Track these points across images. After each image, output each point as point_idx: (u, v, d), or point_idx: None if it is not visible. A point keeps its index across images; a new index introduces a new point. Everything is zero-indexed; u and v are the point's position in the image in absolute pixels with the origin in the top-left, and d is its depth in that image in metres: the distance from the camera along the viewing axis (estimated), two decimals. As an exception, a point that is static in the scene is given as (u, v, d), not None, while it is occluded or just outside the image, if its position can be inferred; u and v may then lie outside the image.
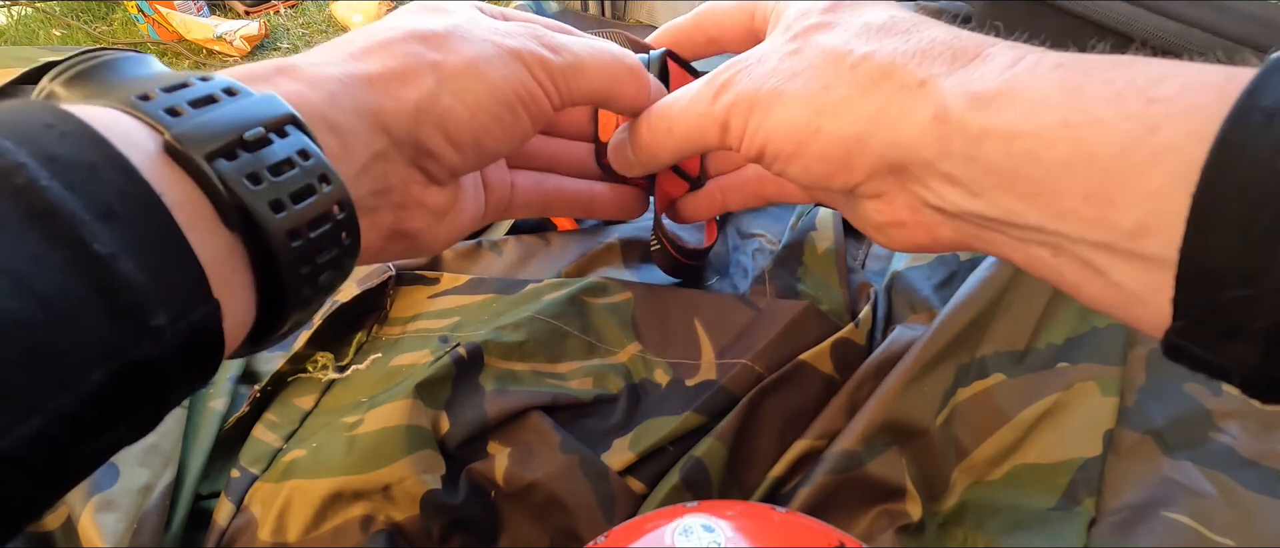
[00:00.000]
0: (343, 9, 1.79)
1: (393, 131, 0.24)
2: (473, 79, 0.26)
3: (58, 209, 0.14)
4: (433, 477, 0.33)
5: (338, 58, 0.24)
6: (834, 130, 0.24)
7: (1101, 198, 0.18)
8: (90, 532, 0.31)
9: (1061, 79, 0.19)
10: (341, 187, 0.21)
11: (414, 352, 0.38)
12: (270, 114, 0.20)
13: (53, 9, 1.87)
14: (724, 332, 0.38)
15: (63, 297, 0.14)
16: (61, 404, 0.14)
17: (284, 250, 0.19)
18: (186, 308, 0.16)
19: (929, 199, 0.24)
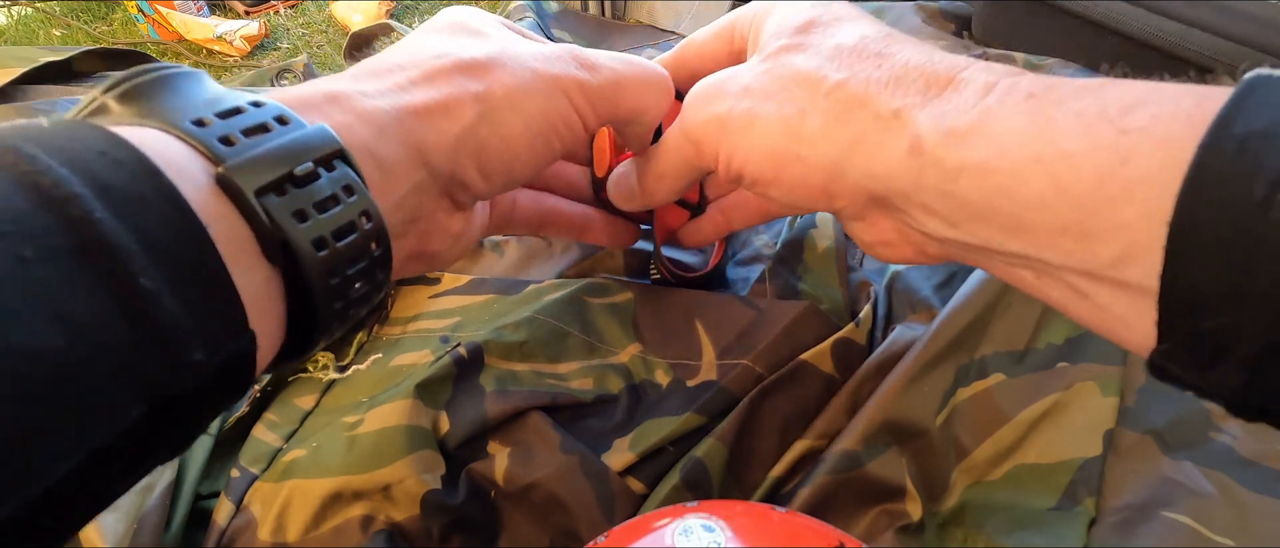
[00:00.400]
0: (343, 9, 1.79)
1: (432, 164, 0.25)
2: (512, 111, 0.26)
3: (109, 244, 0.14)
4: (433, 477, 0.33)
5: (387, 87, 0.24)
6: (812, 158, 0.24)
7: (1079, 230, 0.18)
8: (90, 532, 0.31)
9: (1033, 110, 0.19)
10: (381, 225, 0.21)
11: (414, 352, 0.38)
12: (320, 148, 0.20)
13: (53, 9, 1.87)
14: (724, 332, 0.38)
15: (106, 334, 0.14)
16: (99, 440, 0.14)
17: (321, 287, 0.19)
18: (224, 341, 0.17)
19: (911, 224, 0.24)
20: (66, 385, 0.14)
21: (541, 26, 0.66)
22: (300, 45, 1.77)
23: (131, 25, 1.82)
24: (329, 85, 0.23)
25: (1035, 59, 0.56)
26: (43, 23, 1.83)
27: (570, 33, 0.67)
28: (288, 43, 1.79)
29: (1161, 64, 0.50)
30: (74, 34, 1.80)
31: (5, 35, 1.78)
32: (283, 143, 0.19)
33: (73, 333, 0.14)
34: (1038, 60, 0.55)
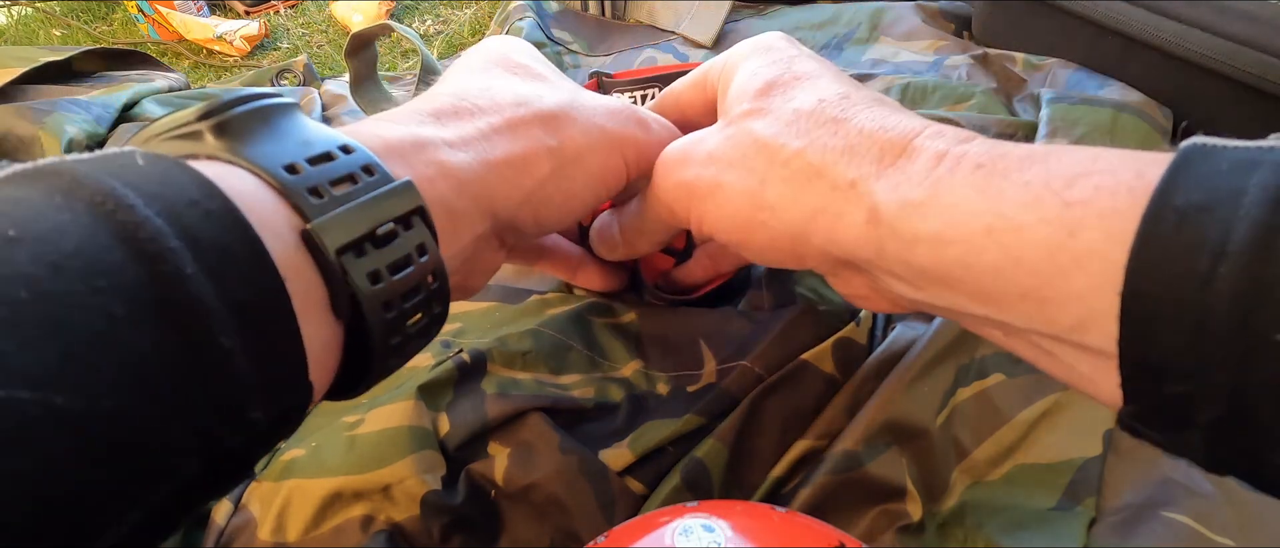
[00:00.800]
0: (343, 9, 1.79)
1: (499, 214, 0.25)
2: (578, 167, 0.27)
3: (195, 306, 0.14)
4: (433, 477, 0.33)
5: (470, 135, 0.24)
6: (775, 225, 0.24)
7: (1037, 297, 0.18)
8: (90, 532, 0.31)
9: (982, 182, 0.20)
10: (446, 287, 0.21)
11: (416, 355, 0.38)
12: (402, 207, 0.20)
13: (53, 9, 1.87)
14: (726, 345, 0.38)
15: (176, 393, 0.14)
16: (159, 497, 0.14)
17: (382, 347, 0.19)
18: (283, 396, 0.17)
19: (879, 285, 0.24)
20: (140, 449, 0.14)
21: (542, 26, 0.66)
22: (300, 45, 1.77)
23: (131, 25, 1.82)
24: (416, 130, 0.23)
25: (1035, 59, 0.55)
26: (43, 23, 1.83)
27: (570, 33, 0.67)
28: (288, 43, 1.79)
29: (1161, 64, 0.50)
30: (74, 34, 1.80)
31: (5, 35, 1.78)
32: (368, 200, 0.19)
33: (147, 395, 0.14)
34: (1038, 60, 0.55)
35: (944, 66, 0.57)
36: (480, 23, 1.65)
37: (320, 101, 0.60)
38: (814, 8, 0.67)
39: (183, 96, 0.58)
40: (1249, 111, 0.48)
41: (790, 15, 0.66)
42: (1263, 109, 0.47)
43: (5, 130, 0.48)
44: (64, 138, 0.48)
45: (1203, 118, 0.50)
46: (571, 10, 0.70)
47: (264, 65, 1.15)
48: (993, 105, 0.52)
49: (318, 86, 0.65)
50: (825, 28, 0.64)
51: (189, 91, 0.59)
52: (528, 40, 0.64)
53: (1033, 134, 0.47)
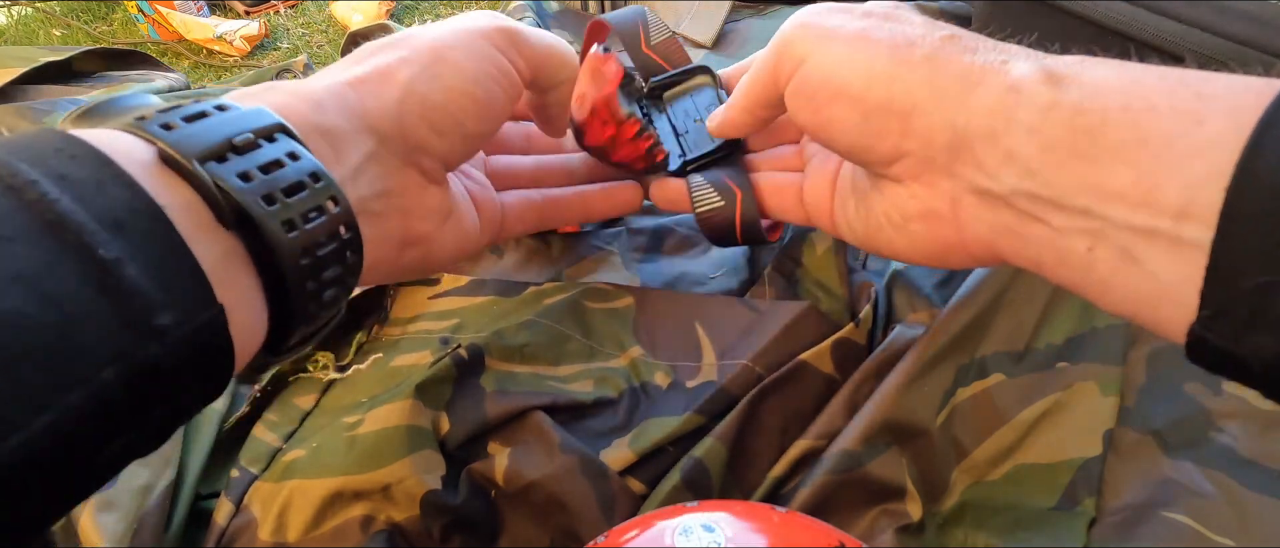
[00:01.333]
0: (343, 9, 1.79)
1: (380, 129, 0.25)
2: (442, 63, 0.27)
3: (67, 220, 0.16)
4: (433, 477, 0.33)
5: (320, 75, 0.26)
6: (910, 81, 0.24)
7: (1150, 181, 0.19)
8: (90, 532, 0.31)
9: (1122, 69, 0.21)
10: (335, 189, 0.22)
11: (414, 353, 0.38)
12: (259, 123, 0.21)
13: (53, 9, 1.87)
14: (724, 334, 0.38)
15: (73, 300, 0.15)
16: (73, 401, 0.15)
17: (286, 250, 0.20)
18: (192, 311, 0.17)
19: (977, 181, 0.23)
20: (38, 346, 0.15)
21: (541, 26, 0.66)
22: (300, 45, 1.77)
23: (131, 25, 1.82)
24: (269, 83, 0.25)
25: (1035, 59, 0.56)
26: (43, 23, 1.83)
27: (570, 32, 0.67)
28: (288, 43, 1.79)
29: (1162, 64, 0.50)
30: (74, 34, 1.80)
31: (5, 35, 1.78)
32: (220, 120, 0.20)
33: (42, 299, 0.15)
34: (1038, 60, 0.55)
35: (944, 66, 0.57)
36: (480, 23, 1.65)
37: (320, 101, 0.60)
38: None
39: (182, 96, 0.58)
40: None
41: (790, 15, 0.66)
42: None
43: (6, 130, 0.48)
44: (64, 138, 0.48)
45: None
46: (571, 10, 0.70)
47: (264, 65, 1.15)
48: (993, 105, 0.52)
49: (318, 86, 0.65)
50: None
51: (189, 91, 0.59)
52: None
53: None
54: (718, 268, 0.43)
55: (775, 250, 0.43)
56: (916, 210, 0.26)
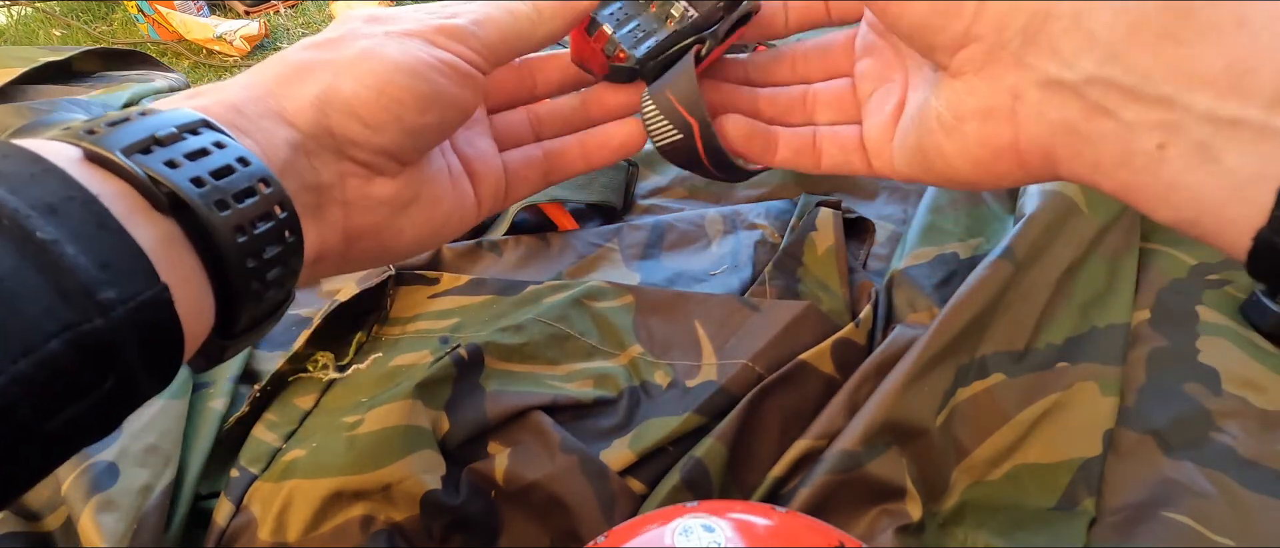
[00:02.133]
0: (342, 9, 1.79)
1: (300, 125, 0.26)
2: (369, 61, 0.27)
3: (4, 208, 0.17)
4: (433, 477, 0.33)
5: (238, 81, 0.26)
6: None
7: (1244, 66, 0.18)
8: (90, 532, 0.31)
9: None
10: (279, 187, 0.22)
11: (414, 352, 0.38)
12: (181, 119, 0.22)
13: (53, 9, 1.87)
14: (724, 333, 0.38)
15: (13, 277, 0.16)
16: (21, 369, 0.16)
17: (221, 229, 0.21)
18: (135, 288, 0.18)
19: (1049, 69, 0.22)
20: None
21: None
22: (300, 45, 1.77)
23: (131, 25, 1.82)
24: (190, 90, 0.26)
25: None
26: (43, 23, 1.83)
27: (570, 33, 0.67)
28: (288, 43, 1.79)
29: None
30: (74, 34, 1.80)
31: (5, 35, 1.78)
32: (143, 121, 0.21)
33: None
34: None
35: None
36: (480, 23, 1.66)
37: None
38: (814, 8, 0.67)
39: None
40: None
41: None
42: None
43: (5, 130, 0.48)
44: (64, 138, 0.48)
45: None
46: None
47: (264, 65, 1.15)
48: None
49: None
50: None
51: (188, 92, 0.59)
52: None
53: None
54: (717, 265, 0.43)
55: (777, 250, 0.43)
56: (973, 107, 0.24)
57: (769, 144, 0.31)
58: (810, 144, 0.32)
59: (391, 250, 0.30)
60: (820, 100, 0.33)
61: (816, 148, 0.32)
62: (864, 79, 0.32)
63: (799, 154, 0.32)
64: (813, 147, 0.32)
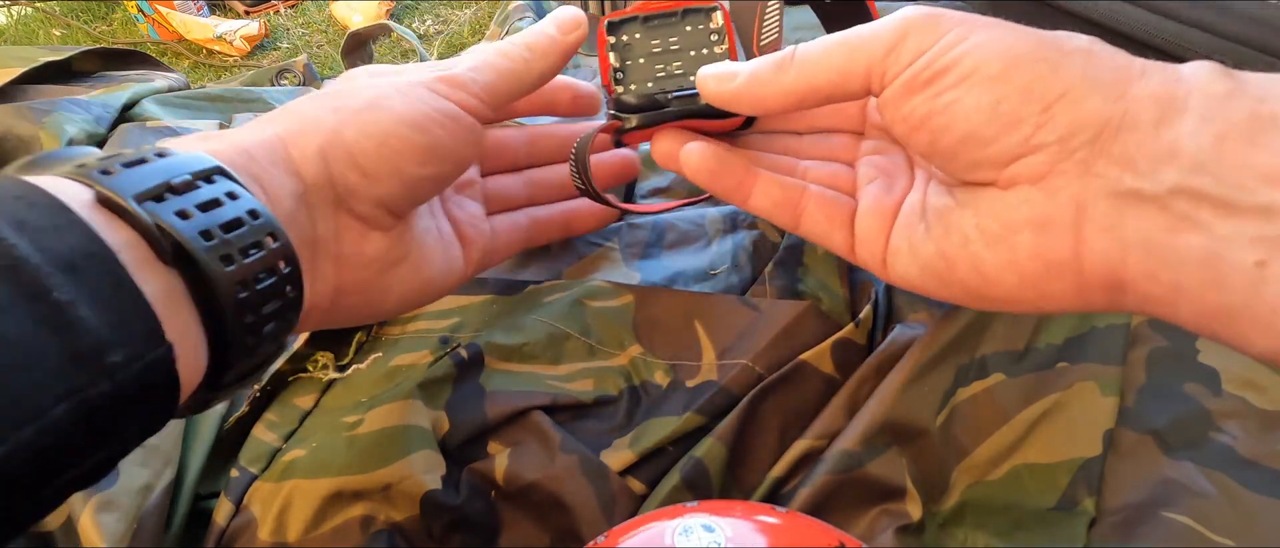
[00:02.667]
0: (342, 9, 1.79)
1: (305, 176, 0.26)
2: (374, 112, 0.27)
3: (24, 264, 0.17)
4: (433, 477, 0.33)
5: (250, 127, 0.26)
6: (1060, 67, 0.21)
7: None
8: (90, 532, 0.31)
9: None
10: (287, 242, 0.22)
11: (414, 352, 0.38)
12: (197, 166, 0.22)
13: (53, 9, 1.87)
14: (724, 333, 0.38)
15: (26, 341, 0.16)
16: (25, 436, 0.16)
17: (222, 281, 0.20)
18: (142, 349, 0.18)
19: (1124, 181, 0.20)
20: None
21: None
22: (300, 45, 1.77)
23: (131, 25, 1.82)
24: (205, 132, 0.26)
25: (1035, 59, 0.56)
26: (43, 23, 1.83)
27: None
28: (288, 43, 1.79)
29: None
30: (74, 34, 1.80)
31: (5, 35, 1.78)
32: (159, 164, 0.21)
33: (6, 344, 0.16)
34: (1038, 60, 0.55)
35: (944, 66, 0.57)
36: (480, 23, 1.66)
37: (320, 101, 0.60)
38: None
39: (182, 97, 0.58)
40: (1249, 111, 0.48)
41: (790, 16, 0.66)
42: (1263, 109, 0.47)
43: (5, 130, 0.48)
44: (64, 138, 0.48)
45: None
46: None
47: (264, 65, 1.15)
48: (993, 105, 0.52)
49: (317, 86, 0.65)
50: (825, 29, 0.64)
51: (189, 91, 0.59)
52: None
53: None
54: (717, 264, 0.43)
55: (777, 250, 0.43)
56: (1026, 218, 0.22)
57: (743, 184, 0.28)
58: (794, 199, 0.28)
59: (377, 309, 0.30)
60: (815, 147, 0.30)
61: (799, 207, 0.28)
62: (868, 165, 0.29)
63: (777, 207, 0.28)
64: (796, 202, 0.28)
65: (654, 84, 0.30)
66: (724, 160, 0.28)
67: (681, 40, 0.30)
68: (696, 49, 0.30)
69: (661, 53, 0.30)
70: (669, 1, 0.30)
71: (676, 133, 0.29)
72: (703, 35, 0.30)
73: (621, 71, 0.30)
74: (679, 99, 0.28)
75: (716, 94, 0.26)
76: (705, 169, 0.28)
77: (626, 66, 0.30)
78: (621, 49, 0.30)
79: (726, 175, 0.28)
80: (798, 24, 0.65)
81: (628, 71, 0.30)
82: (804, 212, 0.28)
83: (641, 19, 0.30)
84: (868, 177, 0.29)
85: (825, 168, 0.30)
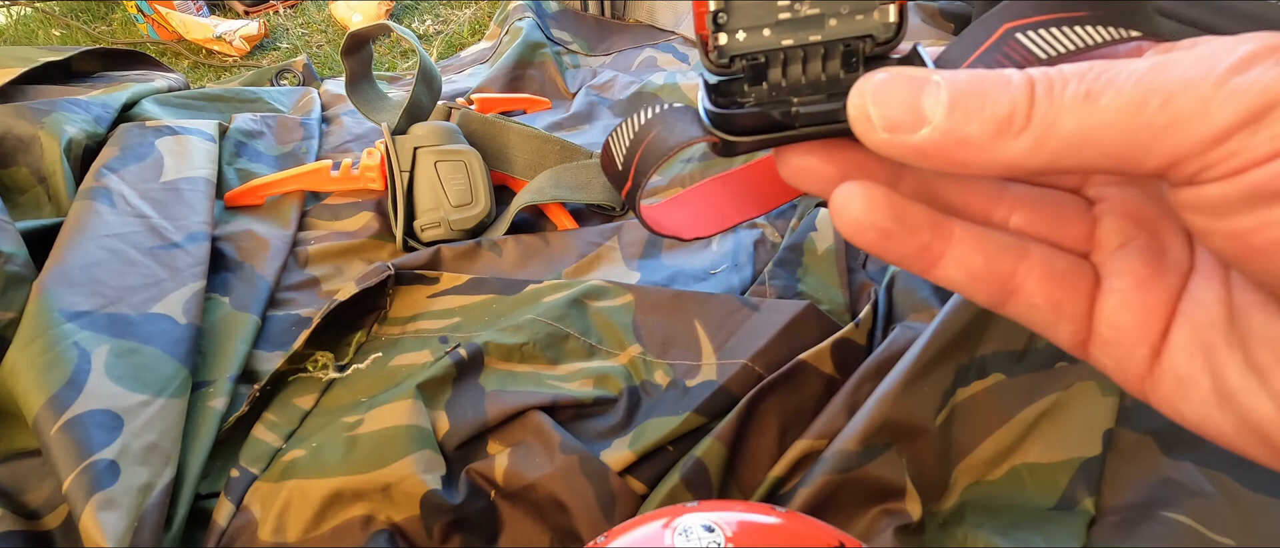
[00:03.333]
0: (342, 9, 1.79)
1: None
2: None
3: None
4: (433, 477, 0.33)
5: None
6: None
7: None
8: (91, 530, 0.31)
9: None
10: None
11: (414, 352, 0.38)
12: None
13: (53, 9, 1.87)
14: (724, 333, 0.38)
15: None
16: None
17: None
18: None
19: None
20: None
21: (541, 26, 0.66)
22: (300, 45, 1.77)
23: (131, 25, 1.82)
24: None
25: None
26: (42, 23, 1.83)
27: (570, 32, 0.67)
28: (288, 43, 1.79)
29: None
30: (73, 34, 1.80)
31: (5, 35, 1.78)
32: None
33: None
34: (1037, 60, 0.55)
35: (944, 66, 0.57)
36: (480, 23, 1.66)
37: (319, 101, 0.60)
38: (814, 8, 0.67)
39: (182, 96, 0.58)
40: (1249, 111, 0.48)
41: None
42: (1262, 109, 0.47)
43: (5, 130, 0.48)
44: (63, 138, 0.48)
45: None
46: (571, 10, 0.70)
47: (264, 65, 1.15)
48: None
49: (317, 86, 0.65)
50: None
51: (188, 91, 0.59)
52: (527, 40, 0.64)
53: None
54: (717, 264, 0.43)
55: (777, 250, 0.43)
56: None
57: (929, 249, 0.17)
58: (1003, 272, 0.17)
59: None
60: (1023, 199, 0.19)
61: (1010, 282, 0.17)
62: (1105, 203, 0.18)
63: (977, 281, 0.17)
64: (1007, 277, 0.17)
65: (774, 35, 0.19)
66: (902, 216, 0.17)
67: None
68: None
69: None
70: None
71: (813, 151, 0.19)
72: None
73: (726, 13, 0.19)
74: (812, 112, 0.18)
75: (885, 145, 0.15)
76: (874, 229, 0.17)
77: (734, 7, 0.19)
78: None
79: (905, 238, 0.17)
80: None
81: (736, 15, 0.19)
82: (1017, 290, 0.17)
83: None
84: (1115, 237, 0.18)
85: (1037, 209, 0.19)
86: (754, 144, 0.19)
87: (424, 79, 0.51)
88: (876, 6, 0.18)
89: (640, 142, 0.20)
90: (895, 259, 0.17)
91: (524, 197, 0.46)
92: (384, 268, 0.41)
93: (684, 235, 0.21)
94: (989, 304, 0.18)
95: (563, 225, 0.46)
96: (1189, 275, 0.17)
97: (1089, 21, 0.17)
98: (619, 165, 0.21)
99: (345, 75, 0.53)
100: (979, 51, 0.18)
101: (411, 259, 0.43)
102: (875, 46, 0.18)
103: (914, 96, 0.15)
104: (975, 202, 0.19)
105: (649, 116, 0.20)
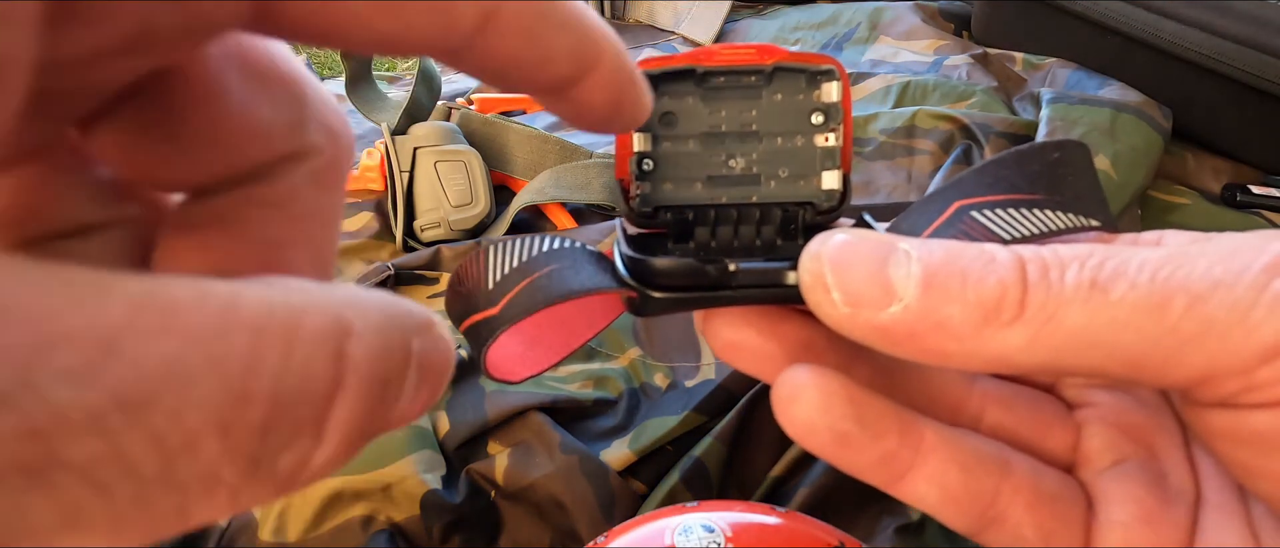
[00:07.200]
0: (342, 9, 1.79)
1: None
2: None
3: None
4: (433, 477, 0.33)
5: None
6: None
7: None
8: (90, 532, 0.31)
9: None
10: None
11: (414, 352, 0.38)
12: None
13: (52, 9, 1.87)
14: None
15: None
16: None
17: None
18: None
19: None
20: None
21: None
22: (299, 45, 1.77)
23: (131, 25, 1.82)
24: None
25: (1034, 58, 0.56)
26: (42, 23, 1.83)
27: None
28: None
29: (1160, 64, 0.50)
30: (73, 34, 1.80)
31: (4, 35, 1.78)
32: None
33: None
34: (1037, 60, 0.55)
35: (944, 66, 0.57)
36: (480, 23, 1.66)
37: (320, 102, 0.60)
38: (813, 7, 0.67)
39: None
40: (1248, 111, 0.48)
41: (790, 15, 0.66)
42: (1261, 109, 0.47)
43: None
44: (63, 138, 0.48)
45: (1202, 118, 0.50)
46: (571, 10, 0.70)
47: (263, 65, 1.15)
48: (993, 104, 0.52)
49: (317, 87, 0.65)
50: (825, 27, 0.64)
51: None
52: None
53: (1033, 133, 0.47)
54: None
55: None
56: None
57: (895, 458, 0.14)
58: (984, 492, 0.14)
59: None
60: (993, 394, 0.16)
61: (993, 506, 0.14)
62: (1095, 427, 0.15)
63: (952, 502, 0.14)
64: (989, 498, 0.14)
65: (706, 191, 0.17)
66: (864, 417, 0.14)
67: (764, 119, 0.17)
68: (787, 137, 0.17)
69: (727, 137, 0.17)
70: (747, 52, 0.17)
71: (750, 322, 0.16)
72: (800, 115, 0.17)
73: (653, 160, 0.17)
74: (750, 271, 0.15)
75: (844, 321, 0.13)
76: (830, 432, 0.15)
77: (663, 155, 0.17)
78: (659, 123, 0.17)
79: (866, 445, 0.14)
80: (797, 23, 0.65)
81: (664, 164, 0.17)
82: (1001, 518, 0.14)
83: (698, 75, 0.17)
84: (1106, 452, 0.15)
85: (1012, 407, 0.16)
86: (677, 303, 0.16)
87: (424, 79, 0.51)
88: (817, 174, 0.17)
89: (528, 272, 0.16)
90: (852, 469, 0.15)
91: (524, 197, 0.46)
92: (384, 268, 0.41)
93: (514, 378, 0.18)
94: (965, 531, 0.15)
95: (562, 225, 0.46)
96: (1199, 508, 0.14)
97: (1046, 206, 0.15)
98: (487, 284, 0.16)
99: (345, 75, 0.53)
100: (934, 225, 0.15)
101: (411, 259, 0.43)
102: (815, 215, 0.17)
103: (879, 266, 0.12)
104: (944, 393, 0.16)
105: (549, 247, 0.16)
